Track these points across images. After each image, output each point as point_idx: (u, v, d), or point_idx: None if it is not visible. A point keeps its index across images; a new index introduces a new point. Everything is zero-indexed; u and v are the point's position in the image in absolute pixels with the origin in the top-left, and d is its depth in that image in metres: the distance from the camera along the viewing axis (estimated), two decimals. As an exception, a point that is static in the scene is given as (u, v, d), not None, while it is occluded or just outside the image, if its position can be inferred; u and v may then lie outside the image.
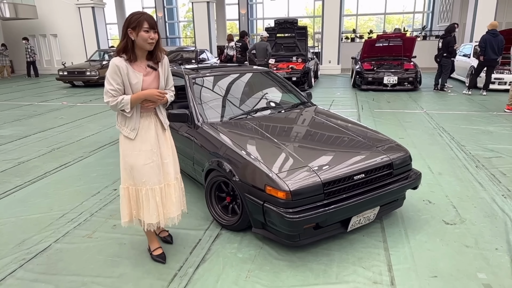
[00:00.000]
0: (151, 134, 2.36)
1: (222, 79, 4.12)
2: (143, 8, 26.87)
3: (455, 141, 5.28)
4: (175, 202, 2.49)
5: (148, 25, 2.18)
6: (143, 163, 2.34)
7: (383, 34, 11.69)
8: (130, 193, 2.42)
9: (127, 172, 2.38)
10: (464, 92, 9.28)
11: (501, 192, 3.61)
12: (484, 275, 2.40)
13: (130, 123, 2.33)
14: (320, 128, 3.38)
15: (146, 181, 2.36)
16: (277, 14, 24.38)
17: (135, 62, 2.28)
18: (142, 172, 2.34)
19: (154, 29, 2.21)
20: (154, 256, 2.65)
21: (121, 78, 2.22)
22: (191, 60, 12.40)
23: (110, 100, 2.22)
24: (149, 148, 2.35)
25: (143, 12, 2.22)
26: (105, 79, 2.25)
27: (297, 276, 2.43)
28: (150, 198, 2.38)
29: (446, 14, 18.81)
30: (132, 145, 2.34)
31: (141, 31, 2.18)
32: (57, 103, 9.61)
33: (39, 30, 17.90)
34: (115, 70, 2.21)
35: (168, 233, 2.88)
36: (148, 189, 2.37)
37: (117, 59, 2.23)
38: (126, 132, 2.34)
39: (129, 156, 2.35)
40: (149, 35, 2.19)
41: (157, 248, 2.67)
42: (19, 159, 5.03)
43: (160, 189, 2.41)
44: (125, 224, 2.48)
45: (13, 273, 2.54)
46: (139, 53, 2.27)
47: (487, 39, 8.43)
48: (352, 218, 2.66)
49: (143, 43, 2.21)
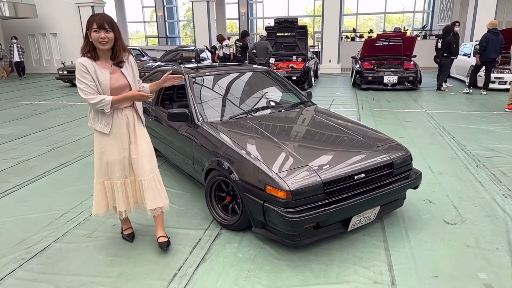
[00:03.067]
0: (123, 131, 2.50)
1: (222, 78, 4.11)
2: (143, 8, 26.87)
3: (455, 141, 5.28)
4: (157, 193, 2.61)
5: (96, 25, 2.27)
6: (116, 158, 2.51)
7: (383, 34, 11.68)
8: (106, 186, 2.61)
9: (102, 167, 2.55)
10: (465, 91, 9.26)
11: (502, 191, 3.60)
12: (485, 275, 2.39)
13: (103, 118, 2.44)
14: (320, 127, 3.37)
15: (119, 175, 2.56)
16: (277, 13, 24.39)
17: (100, 61, 2.38)
18: (115, 166, 2.53)
19: (104, 29, 2.28)
20: (123, 235, 2.91)
21: (89, 75, 2.32)
22: (191, 59, 12.38)
23: (90, 98, 2.31)
24: (120, 145, 2.51)
25: (97, 14, 2.33)
26: (76, 80, 2.34)
27: (297, 276, 2.42)
28: (121, 190, 2.58)
29: (446, 14, 18.80)
30: (105, 141, 2.49)
31: (92, 32, 2.29)
32: (56, 102, 9.60)
33: (38, 29, 17.87)
34: (81, 68, 2.31)
35: (167, 240, 2.73)
36: (121, 181, 2.57)
37: (82, 58, 2.35)
38: (99, 127, 2.46)
39: (103, 152, 2.51)
40: (99, 35, 2.28)
41: (127, 228, 2.92)
42: (19, 158, 5.02)
43: (130, 181, 2.61)
44: (101, 215, 2.67)
45: (13, 272, 2.54)
46: (100, 52, 2.37)
47: (489, 38, 8.41)
48: (353, 218, 2.65)
49: (95, 43, 2.31)
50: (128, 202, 2.66)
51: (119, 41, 2.39)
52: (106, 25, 2.29)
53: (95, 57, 2.36)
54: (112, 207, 2.70)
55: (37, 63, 18.69)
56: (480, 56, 8.66)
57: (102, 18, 2.30)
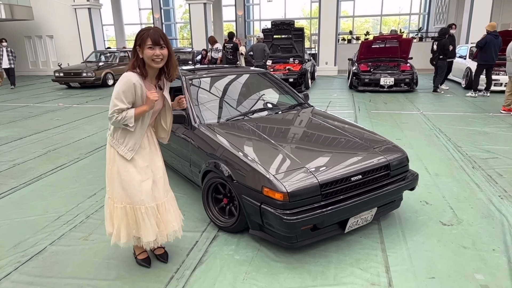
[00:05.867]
0: (146, 151, 2.28)
1: (219, 80, 4.11)
2: (139, 10, 26.87)
3: (451, 142, 5.30)
4: (174, 215, 2.42)
5: (151, 41, 2.06)
6: (140, 179, 2.24)
7: (380, 36, 11.73)
8: (128, 212, 2.28)
9: (124, 190, 2.25)
10: (470, 94, 9.05)
11: (498, 193, 3.61)
12: (481, 276, 2.40)
13: (130, 140, 2.21)
14: (317, 129, 3.38)
15: (144, 199, 2.26)
16: (274, 16, 24.44)
17: (146, 80, 2.17)
18: (139, 190, 2.24)
19: (159, 45, 2.08)
20: (138, 260, 2.59)
21: (134, 98, 2.11)
22: (188, 61, 12.39)
23: (115, 116, 2.09)
24: (145, 165, 2.26)
25: (149, 28, 2.12)
26: (115, 94, 2.08)
27: (294, 277, 2.42)
28: (148, 216, 2.28)
29: (442, 16, 18.92)
30: (129, 164, 2.23)
31: (146, 48, 2.07)
32: (53, 104, 9.56)
33: (35, 31, 17.84)
34: (131, 87, 2.08)
35: (165, 251, 2.67)
36: (147, 207, 2.27)
37: (133, 75, 2.09)
38: (122, 151, 2.21)
39: (125, 173, 2.23)
40: (154, 52, 2.07)
41: (141, 252, 2.61)
42: (14, 161, 4.99)
43: (157, 206, 2.32)
44: (125, 245, 2.35)
45: (8, 276, 2.52)
46: (149, 70, 2.17)
47: (489, 40, 8.36)
48: (350, 220, 2.66)
49: (149, 61, 2.10)
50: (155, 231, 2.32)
51: (173, 58, 2.18)
52: (161, 41, 2.08)
53: (145, 75, 2.14)
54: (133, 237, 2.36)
55: (34, 65, 18.65)
56: (480, 58, 8.62)
57: (156, 33, 2.08)
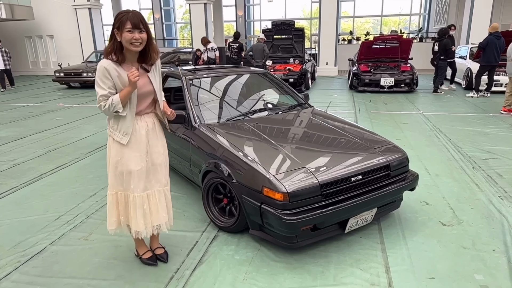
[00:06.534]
0: (142, 140, 2.28)
1: (219, 80, 4.11)
2: (140, 10, 26.88)
3: (451, 143, 5.30)
4: (165, 208, 2.41)
5: (131, 24, 2.04)
6: (133, 168, 2.26)
7: (380, 36, 11.74)
8: (118, 198, 2.33)
9: (117, 178, 2.29)
10: (471, 95, 9.06)
11: (498, 193, 3.62)
12: (481, 276, 2.40)
13: (123, 126, 2.22)
14: (318, 129, 3.38)
15: (134, 187, 2.28)
16: (274, 16, 24.44)
17: (125, 64, 2.16)
18: (131, 178, 2.27)
19: (138, 29, 2.07)
20: (144, 260, 2.58)
21: (112, 82, 2.12)
22: (188, 62, 12.40)
23: (102, 104, 2.12)
24: (138, 154, 2.27)
25: (128, 11, 2.09)
26: (95, 84, 2.13)
27: (294, 278, 2.42)
28: (138, 205, 2.30)
29: (442, 16, 18.92)
30: (122, 150, 2.25)
31: (124, 32, 2.05)
32: (53, 104, 9.57)
33: (35, 31, 17.84)
34: (104, 73, 2.10)
35: (164, 250, 2.67)
36: (135, 196, 2.29)
37: (105, 61, 2.12)
38: (118, 137, 2.24)
39: (119, 161, 2.26)
40: (133, 35, 2.05)
41: (146, 251, 2.61)
42: (15, 160, 5.00)
43: (147, 195, 2.33)
44: (112, 231, 2.40)
45: (8, 275, 2.52)
46: (128, 54, 2.15)
47: (491, 41, 8.34)
48: (350, 220, 2.66)
49: (127, 44, 2.08)
50: (145, 221, 2.34)
51: (152, 41, 2.16)
52: (141, 24, 2.06)
53: (121, 60, 2.13)
54: (126, 225, 2.40)
55: (34, 65, 18.66)
56: (482, 59, 8.59)
57: (136, 16, 2.06)
